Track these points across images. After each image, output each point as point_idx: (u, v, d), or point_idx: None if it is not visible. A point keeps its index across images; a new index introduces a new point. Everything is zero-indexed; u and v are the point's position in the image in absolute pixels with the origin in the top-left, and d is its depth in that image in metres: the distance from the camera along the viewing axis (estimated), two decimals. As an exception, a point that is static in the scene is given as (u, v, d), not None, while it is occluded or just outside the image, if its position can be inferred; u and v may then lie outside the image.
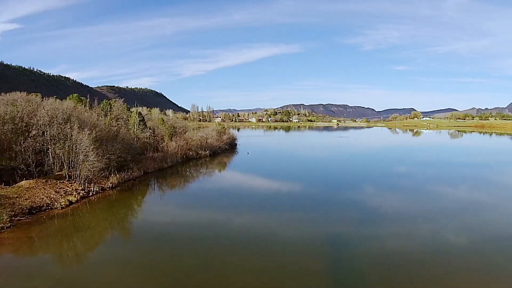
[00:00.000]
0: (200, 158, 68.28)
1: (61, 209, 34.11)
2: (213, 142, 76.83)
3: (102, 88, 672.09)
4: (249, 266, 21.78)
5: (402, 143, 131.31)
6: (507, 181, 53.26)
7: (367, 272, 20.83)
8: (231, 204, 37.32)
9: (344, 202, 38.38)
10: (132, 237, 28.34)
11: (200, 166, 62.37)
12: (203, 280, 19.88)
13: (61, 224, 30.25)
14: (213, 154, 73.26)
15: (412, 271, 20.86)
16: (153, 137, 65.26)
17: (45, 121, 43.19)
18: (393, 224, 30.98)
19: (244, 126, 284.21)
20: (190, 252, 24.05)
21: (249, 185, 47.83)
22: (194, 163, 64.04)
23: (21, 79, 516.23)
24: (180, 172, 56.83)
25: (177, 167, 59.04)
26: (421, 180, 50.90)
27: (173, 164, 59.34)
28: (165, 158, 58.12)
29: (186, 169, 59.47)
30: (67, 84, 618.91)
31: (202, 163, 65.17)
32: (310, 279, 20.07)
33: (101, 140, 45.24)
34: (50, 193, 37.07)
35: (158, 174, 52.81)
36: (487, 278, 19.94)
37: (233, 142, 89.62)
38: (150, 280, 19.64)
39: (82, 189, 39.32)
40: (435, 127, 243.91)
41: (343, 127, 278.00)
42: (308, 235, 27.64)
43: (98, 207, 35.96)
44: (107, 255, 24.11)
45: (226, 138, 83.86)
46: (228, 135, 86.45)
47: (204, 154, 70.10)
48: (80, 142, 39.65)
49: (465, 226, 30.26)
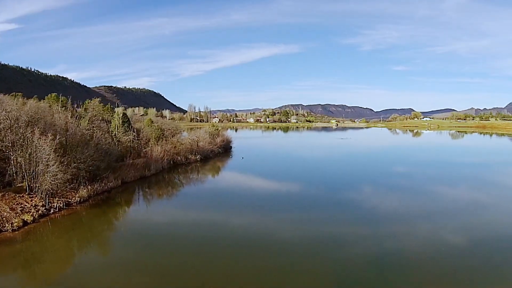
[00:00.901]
0: (189, 163, 62.11)
1: (11, 232, 27.95)
2: (205, 145, 70.71)
3: (100, 88, 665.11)
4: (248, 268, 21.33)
5: (406, 144, 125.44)
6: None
7: (366, 272, 20.63)
8: (221, 221, 31.30)
9: (356, 213, 32.65)
10: (97, 272, 21.75)
11: (188, 173, 56.23)
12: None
13: (4, 255, 23.97)
14: (205, 158, 67.09)
15: (411, 271, 20.71)
16: (137, 140, 59.11)
17: (5, 124, 37.06)
18: (402, 225, 30.53)
19: (242, 127, 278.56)
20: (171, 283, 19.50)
21: (242, 199, 41.58)
22: (182, 170, 57.88)
23: (18, 79, 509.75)
24: (164, 181, 50.63)
25: (162, 175, 52.88)
26: (426, 182, 48.79)
27: (158, 172, 53.20)
28: (148, 165, 51.96)
29: (172, 177, 53.30)
30: (64, 84, 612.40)
31: (191, 169, 59.05)
32: (309, 279, 19.90)
33: (70, 146, 39.08)
34: (3, 210, 30.87)
35: (138, 184, 46.71)
36: (486, 278, 19.77)
37: (228, 145, 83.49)
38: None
39: (42, 205, 33.15)
40: (436, 127, 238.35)
41: (342, 127, 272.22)
42: (306, 236, 27.33)
43: (58, 230, 29.71)
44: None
45: (220, 140, 77.72)
46: (222, 137, 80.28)
47: (195, 159, 63.94)
48: (40, 149, 33.47)
49: (469, 226, 30.14)
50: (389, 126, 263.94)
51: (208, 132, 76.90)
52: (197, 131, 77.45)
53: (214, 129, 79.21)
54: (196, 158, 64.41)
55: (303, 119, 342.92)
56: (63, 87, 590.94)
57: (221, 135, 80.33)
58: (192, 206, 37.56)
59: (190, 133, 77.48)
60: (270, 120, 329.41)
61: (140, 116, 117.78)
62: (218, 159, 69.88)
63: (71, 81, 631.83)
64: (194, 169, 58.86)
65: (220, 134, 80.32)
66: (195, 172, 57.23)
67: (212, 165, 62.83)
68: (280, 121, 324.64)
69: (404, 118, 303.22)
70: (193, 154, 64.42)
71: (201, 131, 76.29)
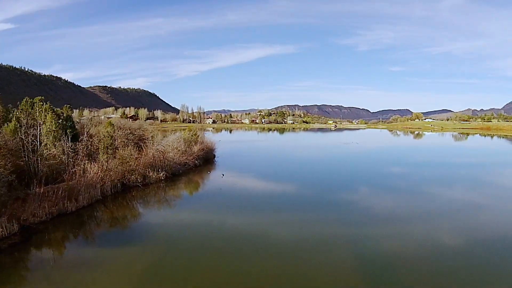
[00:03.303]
0: (148, 184, 42.77)
1: None
2: (177, 156, 51.56)
3: (94, 88, 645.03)
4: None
5: (427, 150, 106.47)
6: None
7: (362, 273, 19.75)
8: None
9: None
10: None
11: (138, 204, 36.88)
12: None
13: None
14: (173, 176, 47.87)
15: (409, 272, 19.87)
16: (73, 153, 39.89)
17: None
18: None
19: (236, 128, 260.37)
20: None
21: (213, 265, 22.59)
22: (130, 197, 38.54)
23: (11, 79, 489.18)
24: (95, 220, 31.25)
25: (97, 208, 33.53)
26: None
27: (92, 202, 33.98)
28: (75, 193, 32.85)
29: (113, 211, 33.92)
30: (58, 84, 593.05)
31: (147, 195, 39.73)
32: (305, 280, 18.91)
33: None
34: None
35: (51, 227, 27.61)
36: (483, 279, 19.17)
37: (210, 153, 64.37)
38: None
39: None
40: (440, 129, 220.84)
41: (340, 129, 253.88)
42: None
43: None
44: None
45: (199, 149, 58.50)
46: (202, 144, 61.05)
47: (157, 177, 44.67)
48: None
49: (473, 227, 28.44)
50: (390, 128, 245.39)
51: (183, 138, 57.73)
52: (170, 137, 57.97)
53: (191, 134, 59.95)
54: (160, 176, 45.16)
55: (299, 120, 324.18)
56: (57, 87, 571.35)
57: (200, 142, 61.06)
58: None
59: (164, 139, 58.12)
60: (265, 121, 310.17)
61: (106, 118, 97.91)
62: (191, 176, 50.37)
63: (64, 81, 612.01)
64: (148, 197, 39.47)
65: (199, 141, 61.06)
66: (146, 203, 37.80)
67: (174, 191, 42.91)
68: (276, 122, 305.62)
69: (405, 119, 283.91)
70: (155, 170, 45.21)
71: (173, 137, 56.94)
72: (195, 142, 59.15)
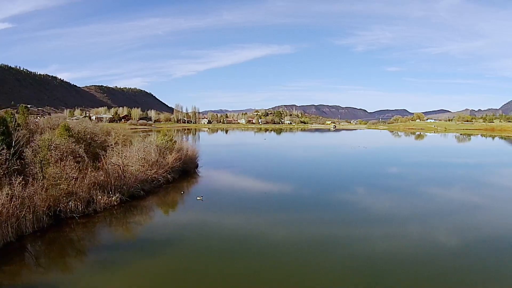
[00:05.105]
0: (91, 215, 30.46)
1: None
2: (143, 170, 39.32)
3: (90, 88, 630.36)
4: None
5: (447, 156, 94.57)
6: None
7: (361, 274, 19.07)
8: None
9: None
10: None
11: (65, 250, 24.65)
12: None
13: None
14: (133, 198, 35.48)
15: (409, 271, 19.29)
16: None
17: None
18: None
19: (232, 128, 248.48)
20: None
21: None
22: (60, 236, 26.24)
23: (6, 78, 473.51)
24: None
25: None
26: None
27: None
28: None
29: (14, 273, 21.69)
30: (54, 83, 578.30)
31: (86, 231, 27.46)
32: (303, 280, 18.39)
33: None
34: None
35: None
36: (480, 279, 18.56)
37: (190, 164, 51.92)
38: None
39: None
40: (443, 130, 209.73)
41: (339, 129, 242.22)
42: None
43: None
44: None
45: (175, 158, 46.11)
46: (179, 152, 48.59)
47: (107, 202, 32.30)
48: None
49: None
50: (391, 128, 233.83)
51: (156, 144, 45.50)
52: (136, 144, 45.50)
53: (165, 140, 47.59)
54: (112, 200, 32.81)
55: (297, 120, 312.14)
56: (52, 87, 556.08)
57: (177, 150, 48.64)
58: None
59: (130, 146, 45.82)
60: (262, 121, 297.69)
61: (75, 120, 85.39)
62: (157, 198, 37.76)
63: (60, 80, 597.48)
64: (93, 231, 27.27)
65: (176, 148, 48.66)
66: (88, 242, 25.67)
67: (124, 223, 30.76)
68: (273, 122, 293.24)
69: (406, 120, 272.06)
70: (107, 192, 32.90)
71: (141, 144, 44.55)
72: (170, 150, 46.82)
